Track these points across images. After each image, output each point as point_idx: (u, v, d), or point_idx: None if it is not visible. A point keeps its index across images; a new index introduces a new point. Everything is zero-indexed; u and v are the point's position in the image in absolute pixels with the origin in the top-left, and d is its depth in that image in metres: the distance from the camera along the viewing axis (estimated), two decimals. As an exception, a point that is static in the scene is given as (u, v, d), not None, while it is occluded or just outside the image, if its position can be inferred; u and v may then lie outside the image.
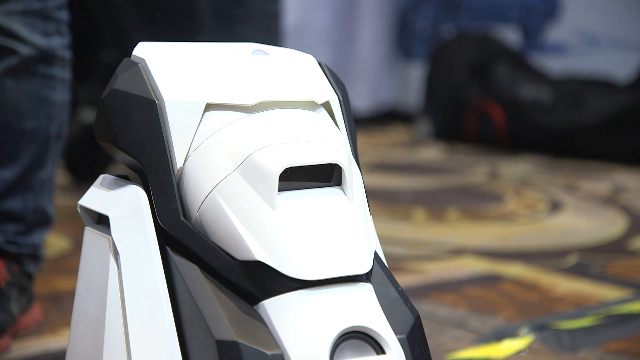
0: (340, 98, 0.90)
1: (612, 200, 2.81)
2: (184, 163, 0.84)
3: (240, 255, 0.80)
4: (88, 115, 2.77)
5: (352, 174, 0.83)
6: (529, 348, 1.56)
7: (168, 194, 0.83)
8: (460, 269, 2.08)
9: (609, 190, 2.95)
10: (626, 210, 2.69)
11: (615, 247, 2.28)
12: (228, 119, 0.84)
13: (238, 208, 0.81)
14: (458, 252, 2.22)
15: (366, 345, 0.78)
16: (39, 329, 1.60)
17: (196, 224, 0.83)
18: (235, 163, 0.81)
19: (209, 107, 0.84)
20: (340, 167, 0.83)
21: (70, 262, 2.06)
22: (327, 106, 0.89)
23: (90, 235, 0.89)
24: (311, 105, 0.87)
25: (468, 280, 1.99)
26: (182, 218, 0.83)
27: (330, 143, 0.83)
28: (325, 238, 0.80)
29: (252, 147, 0.81)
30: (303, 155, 0.81)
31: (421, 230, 2.11)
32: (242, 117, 0.84)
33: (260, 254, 0.79)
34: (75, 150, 2.75)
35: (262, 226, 0.80)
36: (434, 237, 2.35)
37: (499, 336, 1.61)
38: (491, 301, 1.84)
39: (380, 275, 0.85)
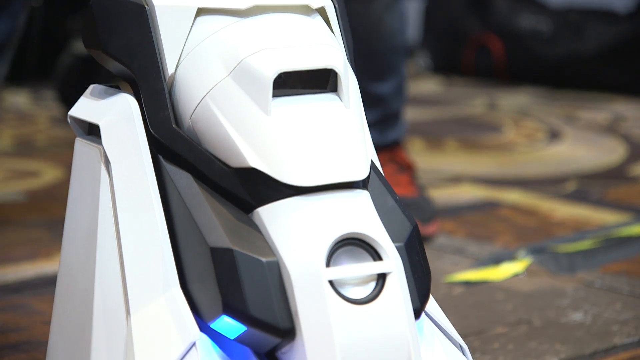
0: (336, 5, 0.88)
1: (611, 130, 2.79)
2: (176, 70, 0.82)
3: (234, 163, 0.79)
4: (81, 46, 2.74)
5: (348, 80, 0.81)
6: (527, 270, 1.56)
7: (159, 102, 0.81)
8: (459, 196, 2.07)
9: (608, 120, 2.93)
10: (625, 138, 2.67)
11: (614, 174, 2.27)
12: (220, 24, 0.81)
13: (231, 114, 0.79)
14: (456, 179, 2.21)
15: (363, 251, 0.77)
16: (34, 254, 1.60)
17: (189, 132, 0.81)
18: (228, 68, 0.79)
19: (201, 11, 0.82)
20: (336, 73, 0.80)
21: (64, 190, 2.03)
22: (322, 12, 0.87)
23: (81, 145, 0.87)
24: (306, 10, 0.85)
25: (466, 207, 1.98)
26: (174, 126, 0.81)
27: (325, 48, 0.81)
28: (321, 144, 0.78)
29: (246, 52, 0.79)
30: (298, 60, 0.79)
31: (419, 159, 2.10)
32: (234, 22, 0.81)
33: (254, 161, 0.78)
34: (68, 82, 2.72)
35: (256, 132, 0.78)
36: (432, 165, 2.33)
37: (497, 260, 1.61)
38: (489, 227, 1.83)
39: (377, 184, 0.83)
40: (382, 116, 1.78)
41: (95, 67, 1.71)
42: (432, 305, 0.85)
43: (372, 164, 0.84)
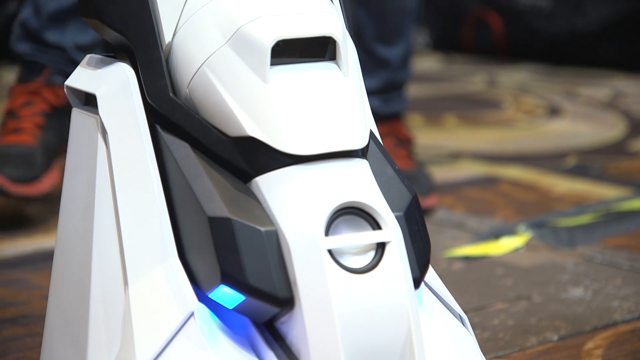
0: (335, -27, 0.86)
1: (611, 106, 2.78)
2: (173, 38, 0.81)
3: (232, 132, 0.78)
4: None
5: (347, 49, 0.81)
6: (527, 245, 1.55)
7: (156, 70, 0.80)
8: (458, 172, 2.06)
9: (608, 96, 2.92)
10: (626, 114, 2.66)
11: (614, 149, 2.26)
12: (217, -9, 0.80)
13: (229, 83, 0.78)
14: (456, 155, 2.20)
15: (362, 221, 0.76)
16: (33, 229, 1.59)
17: (186, 101, 0.81)
18: (225, 36, 0.78)
19: (198, -21, 0.81)
20: (335, 41, 0.80)
21: (62, 167, 2.04)
22: (320, -20, 0.85)
23: (78, 116, 0.86)
24: (304, -22, 0.83)
25: (466, 182, 1.97)
26: (171, 95, 0.80)
27: (324, 15, 0.80)
28: (319, 112, 0.77)
29: (243, 19, 0.78)
30: (296, 27, 0.78)
31: (418, 135, 2.09)
32: (232, -11, 0.80)
33: (252, 129, 0.77)
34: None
35: (253, 101, 0.77)
36: (431, 141, 2.32)
37: (496, 234, 1.60)
38: (489, 202, 1.83)
39: (377, 153, 0.82)
40: (386, 83, 1.78)
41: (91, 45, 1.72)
42: (431, 275, 0.85)
43: (371, 134, 0.83)
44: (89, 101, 0.86)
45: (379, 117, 1.74)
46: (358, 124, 0.78)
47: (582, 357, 1.12)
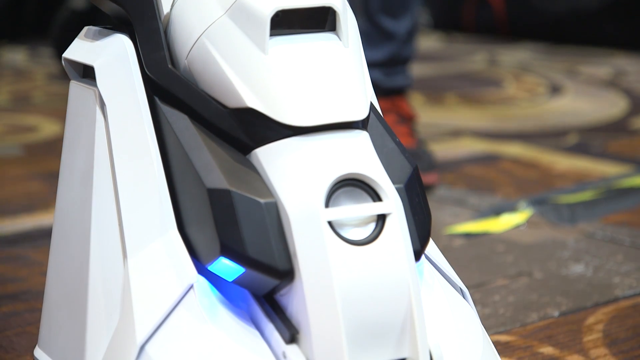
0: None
1: (613, 84, 2.77)
2: (171, 9, 0.80)
3: (231, 103, 0.77)
4: (77, 1, 2.71)
5: (347, 19, 0.80)
6: (528, 222, 1.55)
7: (155, 42, 0.80)
8: (459, 150, 2.05)
9: (609, 74, 2.91)
10: (627, 92, 2.65)
11: (616, 127, 2.25)
12: (216, -38, 0.79)
13: (228, 53, 0.77)
14: (456, 133, 2.19)
15: (362, 192, 0.75)
16: (32, 207, 1.59)
17: (185, 72, 0.80)
18: (224, 7, 0.78)
19: (196, -51, 0.80)
20: (335, 11, 0.79)
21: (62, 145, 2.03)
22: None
23: (76, 88, 0.85)
24: (303, -52, 0.83)
25: (467, 160, 1.97)
26: (170, 66, 0.79)
27: (324, -15, 0.79)
28: (319, 83, 0.77)
29: (242, -11, 0.77)
30: (296, -2, 0.77)
31: (418, 113, 2.08)
32: (231, -40, 0.79)
33: (251, 101, 0.76)
34: (65, 37, 2.70)
35: (253, 72, 0.76)
36: (432, 119, 2.32)
37: (497, 211, 1.60)
38: (490, 179, 1.82)
39: (377, 125, 0.82)
40: (391, 56, 1.77)
41: (92, 21, 1.70)
42: (432, 249, 0.84)
43: (372, 106, 0.82)
44: (87, 73, 0.86)
45: (381, 92, 1.74)
46: (358, 95, 0.78)
47: (583, 332, 1.11)
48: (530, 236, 1.48)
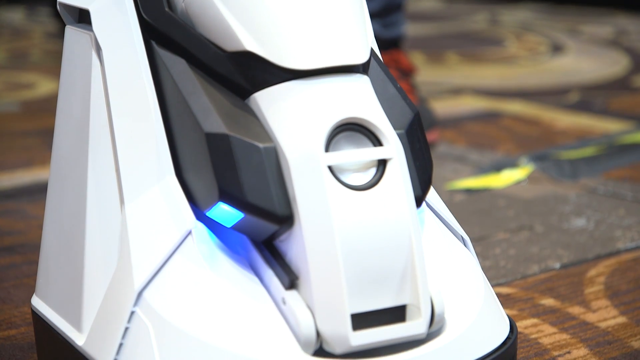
0: None
1: (614, 43, 2.75)
2: (168, -49, 0.79)
3: (229, 46, 0.76)
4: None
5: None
6: (529, 177, 1.54)
7: (151, -16, 0.78)
8: (460, 107, 2.04)
9: (611, 34, 2.89)
10: (629, 51, 2.63)
11: (618, 85, 2.24)
12: None
13: (226, -4, 0.75)
14: (457, 91, 2.18)
15: (363, 137, 0.74)
16: (30, 162, 1.58)
17: (182, 16, 0.78)
18: (222, -52, 0.76)
19: None
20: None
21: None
22: None
23: (71, 33, 0.84)
24: None
25: (467, 117, 1.96)
26: (166, 9, 0.77)
27: None
28: (319, 26, 0.75)
29: None
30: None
31: (419, 72, 2.06)
32: None
33: (250, 44, 0.75)
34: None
35: (251, 14, 0.75)
36: (433, 78, 2.30)
37: (498, 167, 1.59)
38: (491, 136, 1.81)
39: (378, 71, 0.80)
40: (385, 4, 1.75)
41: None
42: (434, 197, 0.83)
43: (372, 52, 0.81)
44: (82, 18, 0.84)
45: (380, 45, 1.72)
46: (359, 38, 0.76)
47: (585, 284, 1.11)
48: (531, 191, 1.47)
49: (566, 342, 0.96)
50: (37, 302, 0.86)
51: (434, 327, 0.73)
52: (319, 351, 0.71)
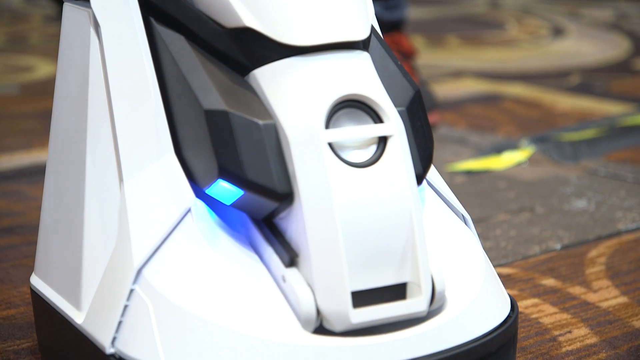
0: None
1: (615, 26, 2.74)
2: None
3: (229, 23, 0.75)
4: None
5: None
6: (530, 159, 1.53)
7: (150, -40, 0.77)
8: (460, 90, 2.03)
9: (612, 17, 2.88)
10: (630, 34, 2.62)
11: (619, 67, 2.23)
12: None
13: (225, -28, 0.75)
14: (458, 74, 2.17)
15: (363, 114, 0.73)
16: (29, 144, 1.57)
17: (181, -8, 0.78)
18: None
19: None
20: None
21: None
22: None
23: (70, 10, 0.83)
24: None
25: (468, 100, 1.95)
26: (165, -15, 0.77)
27: None
28: (319, 2, 0.74)
29: None
30: None
31: (420, 54, 2.06)
32: None
33: (249, 20, 0.74)
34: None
35: (251, -10, 0.74)
36: (433, 61, 2.29)
37: (499, 149, 1.58)
38: (491, 118, 1.80)
39: (378, 48, 0.80)
40: None
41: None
42: (435, 175, 0.83)
43: (373, 29, 0.80)
44: (81, -5, 0.84)
45: (382, 27, 1.71)
46: (359, 14, 0.76)
47: (586, 265, 1.10)
48: (532, 173, 1.47)
49: (567, 321, 0.95)
50: (36, 281, 0.85)
51: (435, 305, 0.72)
52: (319, 329, 0.70)
